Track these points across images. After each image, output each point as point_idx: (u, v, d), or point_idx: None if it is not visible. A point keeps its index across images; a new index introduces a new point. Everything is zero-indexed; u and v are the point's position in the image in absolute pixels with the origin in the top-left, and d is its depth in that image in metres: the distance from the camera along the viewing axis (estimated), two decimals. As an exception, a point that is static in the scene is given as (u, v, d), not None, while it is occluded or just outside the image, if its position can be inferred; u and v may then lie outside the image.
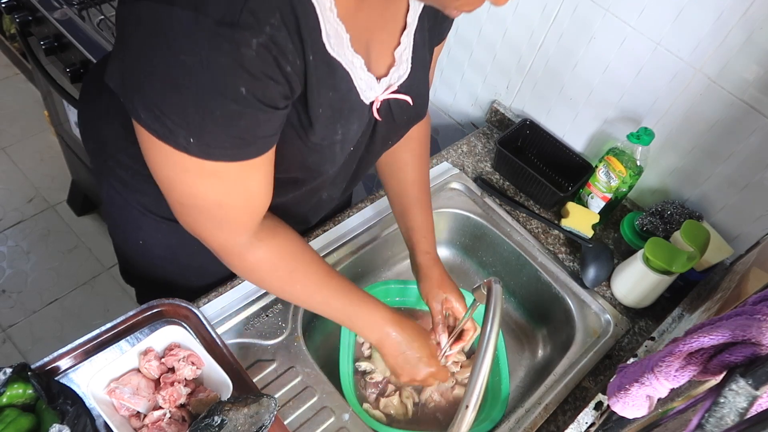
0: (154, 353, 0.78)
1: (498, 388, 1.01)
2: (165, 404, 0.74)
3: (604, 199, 1.14)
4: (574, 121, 1.21)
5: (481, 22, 1.25)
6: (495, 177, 1.25)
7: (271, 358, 0.90)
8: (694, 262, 0.96)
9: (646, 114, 1.08)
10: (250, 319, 0.93)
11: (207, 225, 0.68)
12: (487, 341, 0.70)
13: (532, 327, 1.18)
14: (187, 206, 0.65)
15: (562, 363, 1.00)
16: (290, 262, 0.75)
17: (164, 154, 0.58)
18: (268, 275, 0.75)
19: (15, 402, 0.71)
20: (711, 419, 0.48)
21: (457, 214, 1.19)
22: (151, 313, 0.85)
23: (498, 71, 1.29)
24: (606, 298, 1.08)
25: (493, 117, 1.34)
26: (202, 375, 0.79)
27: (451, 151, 1.27)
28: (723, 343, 0.52)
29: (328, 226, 1.07)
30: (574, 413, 0.92)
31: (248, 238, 0.70)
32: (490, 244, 1.19)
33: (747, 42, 0.91)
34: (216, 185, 0.62)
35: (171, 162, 0.59)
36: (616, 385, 0.64)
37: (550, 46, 1.16)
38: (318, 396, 0.88)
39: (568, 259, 1.13)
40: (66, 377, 0.79)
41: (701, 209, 1.09)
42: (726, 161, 1.02)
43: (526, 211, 1.18)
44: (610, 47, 1.07)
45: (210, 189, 0.62)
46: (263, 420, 0.69)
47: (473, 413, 0.67)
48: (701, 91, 0.99)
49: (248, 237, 0.70)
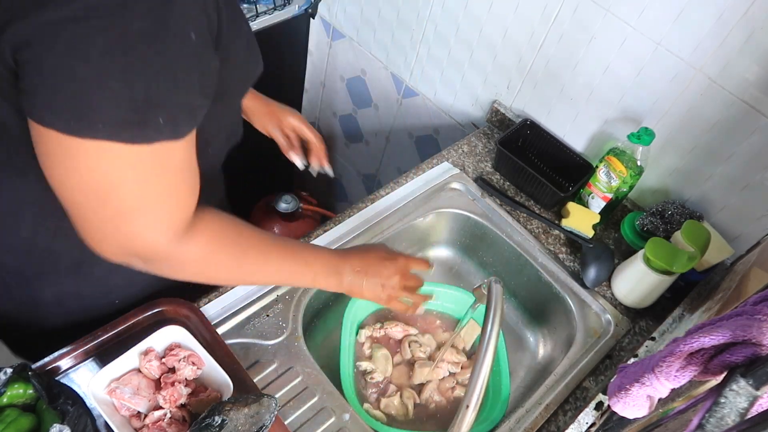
0: (155, 353, 0.78)
1: (498, 388, 1.01)
2: (165, 404, 0.74)
3: (605, 199, 1.14)
4: (574, 121, 1.21)
5: (481, 23, 1.25)
6: (495, 177, 1.25)
7: (272, 358, 0.90)
8: (694, 262, 0.96)
9: (647, 114, 1.08)
10: (251, 319, 0.93)
11: (134, 228, 0.59)
12: (487, 341, 0.70)
13: (532, 327, 1.18)
14: (115, 214, 0.57)
15: (563, 363, 1.00)
16: (233, 242, 0.68)
17: (108, 157, 0.53)
18: (213, 264, 0.68)
19: (15, 402, 0.71)
20: (711, 419, 0.48)
21: (457, 214, 1.19)
22: (152, 312, 0.85)
23: (498, 71, 1.29)
24: (606, 298, 1.08)
25: (493, 117, 1.34)
26: (203, 375, 0.79)
27: (452, 151, 1.27)
28: (723, 343, 0.52)
29: (328, 226, 1.07)
30: (575, 413, 0.92)
31: (184, 230, 0.62)
32: (490, 244, 1.19)
33: (747, 42, 0.91)
34: (166, 171, 0.57)
35: (114, 164, 0.53)
36: (617, 385, 0.64)
37: (551, 46, 1.16)
38: (318, 396, 0.88)
39: (569, 259, 1.13)
40: (66, 377, 0.79)
41: (702, 209, 1.09)
42: (726, 161, 1.02)
43: (526, 211, 1.18)
44: (611, 47, 1.07)
45: (161, 177, 0.57)
46: (264, 420, 0.70)
47: (474, 413, 0.67)
48: (702, 91, 0.99)
49: (184, 230, 0.62)
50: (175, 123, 0.55)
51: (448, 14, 1.30)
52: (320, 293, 1.01)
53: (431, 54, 1.40)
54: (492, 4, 1.20)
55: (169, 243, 0.61)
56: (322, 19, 1.62)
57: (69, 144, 0.52)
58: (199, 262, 0.66)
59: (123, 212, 0.57)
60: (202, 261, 0.66)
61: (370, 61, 1.57)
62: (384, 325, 1.08)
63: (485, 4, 1.22)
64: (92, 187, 0.55)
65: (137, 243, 0.60)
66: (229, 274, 0.72)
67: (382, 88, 1.60)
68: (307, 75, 1.82)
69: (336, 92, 1.76)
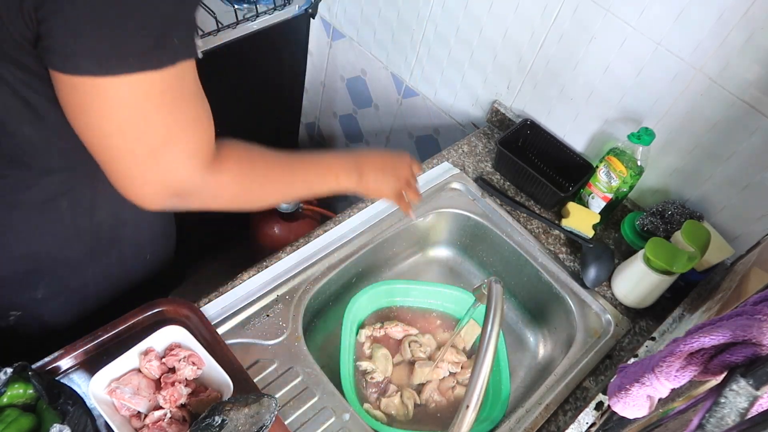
0: (155, 353, 0.78)
1: (498, 388, 1.01)
2: (165, 404, 0.74)
3: (605, 199, 1.14)
4: (574, 121, 1.21)
5: (481, 23, 1.25)
6: (495, 177, 1.25)
7: (272, 358, 0.90)
8: (694, 262, 0.96)
9: (647, 114, 1.08)
10: (251, 319, 0.93)
11: (171, 161, 0.60)
12: (487, 341, 0.70)
13: (532, 327, 1.18)
14: (152, 149, 0.59)
15: (563, 363, 1.00)
16: (259, 161, 0.71)
17: (141, 89, 0.55)
18: (247, 186, 0.70)
19: (16, 402, 0.71)
20: (712, 419, 0.48)
21: (457, 214, 1.19)
22: (152, 312, 0.85)
23: (499, 71, 1.29)
24: (607, 298, 1.08)
25: (493, 117, 1.34)
26: (203, 375, 0.79)
27: (452, 151, 1.27)
28: (723, 343, 0.52)
29: (328, 226, 1.07)
30: (575, 413, 0.92)
31: (214, 157, 0.64)
32: (490, 244, 1.19)
33: (748, 42, 0.91)
34: (190, 95, 0.59)
35: (147, 94, 0.55)
36: (617, 385, 0.64)
37: (551, 46, 1.16)
38: (318, 396, 0.88)
39: (569, 259, 1.13)
40: (66, 377, 0.79)
41: (702, 209, 1.09)
42: (727, 161, 1.02)
43: (526, 211, 1.18)
44: (611, 47, 1.07)
45: (186, 101, 0.59)
46: (264, 420, 0.70)
47: (474, 413, 0.67)
48: (702, 91, 0.99)
49: (213, 156, 0.64)
50: (188, 41, 0.57)
51: (449, 14, 1.30)
52: (320, 293, 1.01)
53: (431, 54, 1.40)
54: (492, 4, 1.20)
55: (204, 172, 0.63)
56: (322, 19, 1.62)
57: (104, 86, 0.54)
58: (233, 186, 0.67)
59: (158, 146, 0.59)
60: (236, 184, 0.67)
61: (371, 61, 1.57)
62: (384, 325, 1.08)
63: (485, 4, 1.22)
64: (129, 125, 0.57)
65: (175, 177, 0.61)
66: (262, 192, 0.73)
67: (383, 88, 1.60)
68: (307, 75, 1.81)
69: (336, 92, 1.76)
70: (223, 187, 0.66)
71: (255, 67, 1.55)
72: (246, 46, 1.44)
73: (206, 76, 0.63)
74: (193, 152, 0.61)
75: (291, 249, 1.02)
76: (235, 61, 1.46)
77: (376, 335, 1.07)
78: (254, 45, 1.47)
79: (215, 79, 1.50)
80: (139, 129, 0.57)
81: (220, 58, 1.40)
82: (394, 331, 1.08)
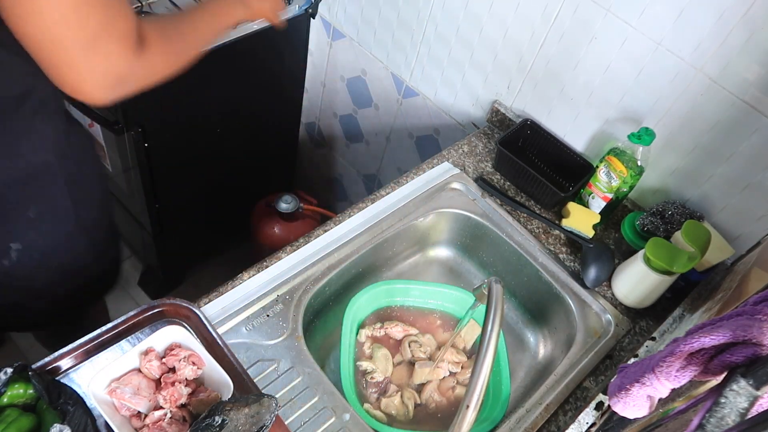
0: (155, 353, 0.78)
1: (499, 388, 1.01)
2: (166, 404, 0.74)
3: (605, 199, 1.14)
4: (574, 121, 1.21)
5: (482, 23, 1.25)
6: (496, 177, 1.25)
7: (272, 358, 0.90)
8: (695, 262, 0.96)
9: (647, 114, 1.08)
10: (251, 319, 0.93)
11: (109, 46, 0.63)
12: (487, 341, 0.70)
13: (532, 327, 1.18)
14: (92, 35, 0.61)
15: (563, 363, 1.00)
16: (170, 27, 0.75)
17: None
18: (172, 52, 0.74)
19: (16, 402, 0.71)
20: (712, 419, 0.48)
21: (457, 214, 1.19)
22: (152, 313, 0.85)
23: (499, 71, 1.29)
24: (607, 298, 1.08)
25: (493, 117, 1.34)
26: (203, 375, 0.79)
27: (452, 151, 1.27)
28: (724, 343, 0.52)
29: (328, 226, 1.07)
30: (575, 413, 0.92)
31: (140, 37, 0.68)
32: (490, 244, 1.19)
33: (748, 42, 0.91)
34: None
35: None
36: (617, 386, 0.64)
37: (551, 46, 1.16)
38: (318, 396, 0.88)
39: (569, 259, 1.13)
40: (67, 377, 0.79)
41: (702, 209, 1.09)
42: (727, 161, 1.02)
43: (526, 211, 1.18)
44: (611, 47, 1.07)
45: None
46: (264, 420, 0.70)
47: (474, 413, 0.67)
48: (702, 92, 0.99)
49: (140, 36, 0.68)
50: None
51: (449, 14, 1.30)
52: (320, 293, 1.01)
53: (431, 54, 1.40)
54: (492, 4, 1.20)
55: (137, 53, 0.66)
56: (323, 18, 1.62)
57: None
58: (162, 57, 0.71)
59: (99, 32, 0.61)
60: (163, 54, 0.71)
61: (371, 61, 1.57)
62: (384, 324, 1.08)
63: (485, 4, 1.22)
64: (72, 12, 0.59)
65: (115, 62, 0.64)
66: (183, 53, 0.77)
67: (383, 88, 1.60)
68: (308, 75, 1.81)
69: (336, 92, 1.76)
70: (155, 62, 0.70)
71: (255, 67, 1.55)
72: (246, 46, 1.44)
73: (206, 76, 0.63)
74: (125, 36, 0.64)
75: (291, 249, 1.03)
76: (235, 61, 1.46)
77: (376, 335, 1.07)
78: (254, 45, 1.47)
79: (215, 78, 1.50)
80: (81, 15, 0.59)
81: (220, 58, 1.40)
82: (394, 331, 1.08)
